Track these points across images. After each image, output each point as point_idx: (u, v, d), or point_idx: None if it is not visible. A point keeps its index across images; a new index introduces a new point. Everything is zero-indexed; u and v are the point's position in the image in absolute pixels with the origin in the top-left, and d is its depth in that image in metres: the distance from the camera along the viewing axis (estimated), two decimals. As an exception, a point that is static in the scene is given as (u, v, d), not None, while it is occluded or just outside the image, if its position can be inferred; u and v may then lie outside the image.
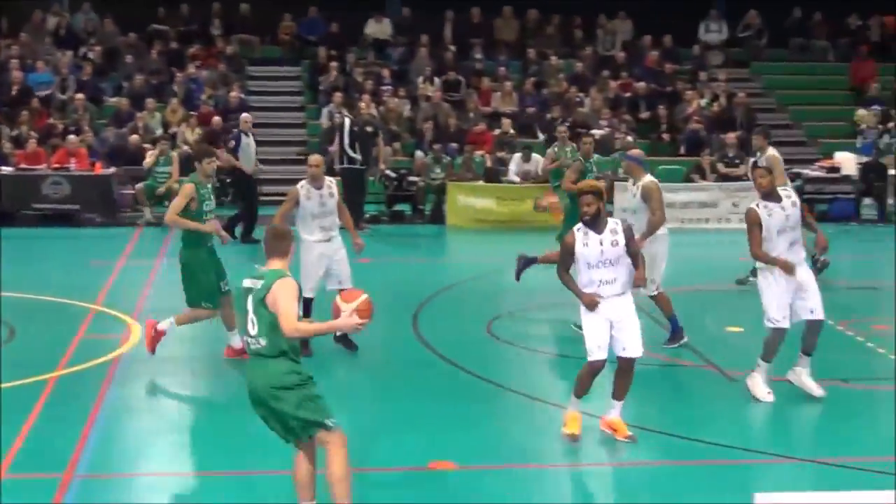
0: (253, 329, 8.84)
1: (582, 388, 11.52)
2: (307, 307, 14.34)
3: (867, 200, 26.45)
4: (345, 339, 14.50)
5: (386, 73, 30.44)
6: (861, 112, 29.50)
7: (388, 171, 25.48)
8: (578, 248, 11.21)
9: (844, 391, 13.41)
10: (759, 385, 12.85)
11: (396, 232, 24.15)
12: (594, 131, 27.90)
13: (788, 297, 12.77)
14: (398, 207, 26.01)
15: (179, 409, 13.08)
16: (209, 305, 14.06)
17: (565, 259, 11.39)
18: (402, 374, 14.11)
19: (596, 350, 11.32)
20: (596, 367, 11.39)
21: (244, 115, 24.66)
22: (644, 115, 29.94)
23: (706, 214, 25.24)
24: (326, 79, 30.09)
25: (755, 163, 17.89)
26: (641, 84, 30.71)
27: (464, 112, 29.26)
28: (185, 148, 27.49)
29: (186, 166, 26.30)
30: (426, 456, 11.16)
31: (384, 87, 29.65)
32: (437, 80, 30.24)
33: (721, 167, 26.50)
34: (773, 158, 18.65)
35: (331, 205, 14.41)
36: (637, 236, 13.14)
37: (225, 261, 14.32)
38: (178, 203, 14.04)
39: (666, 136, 29.20)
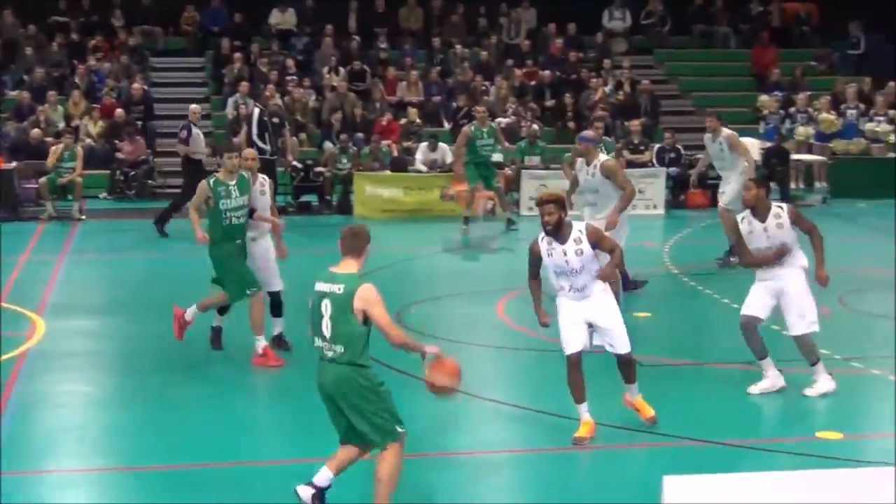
0: (328, 334, 8.90)
1: (573, 390, 11.43)
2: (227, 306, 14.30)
3: (771, 185, 26.73)
4: (280, 339, 14.41)
5: (290, 63, 30.26)
6: (763, 98, 29.84)
7: (294, 163, 25.35)
8: (544, 257, 11.25)
9: (750, 374, 13.55)
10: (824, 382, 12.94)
11: (304, 223, 24.02)
12: (499, 119, 27.98)
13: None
14: (305, 198, 25.90)
15: (87, 404, 12.92)
16: (254, 289, 13.84)
17: (532, 266, 11.41)
18: (312, 368, 14.00)
19: (567, 345, 11.37)
20: (571, 361, 11.39)
21: (193, 105, 24.57)
22: (549, 102, 30.06)
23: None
24: (230, 70, 29.87)
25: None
26: (546, 72, 30.83)
27: (370, 102, 29.18)
28: (89, 141, 27.21)
29: (91, 159, 26.10)
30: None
31: (289, 78, 29.49)
32: (342, 70, 30.13)
33: (626, 154, 26.64)
34: (732, 137, 18.86)
35: (262, 203, 14.19)
36: (608, 211, 13.26)
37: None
38: (193, 201, 14.08)
39: (571, 124, 29.32)
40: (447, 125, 28.68)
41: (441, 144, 25.84)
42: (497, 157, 25.71)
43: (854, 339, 14.55)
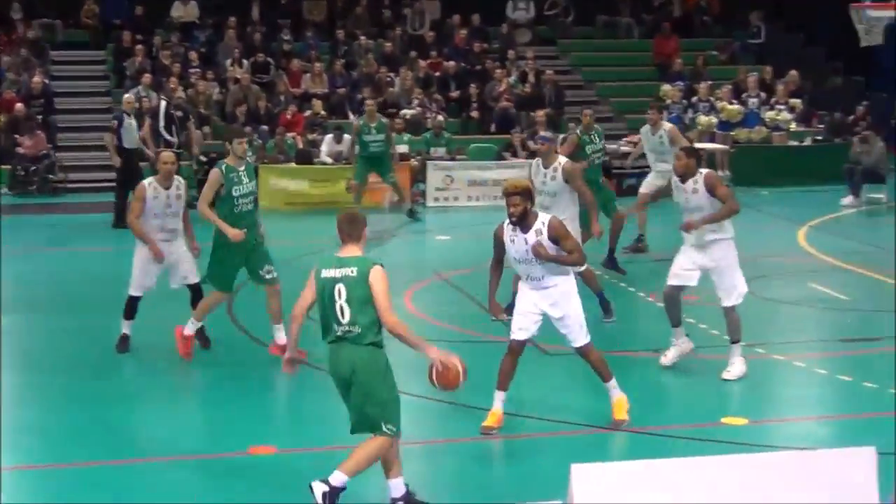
0: (344, 318, 9.05)
1: (500, 374, 11.46)
2: (132, 306, 14.08)
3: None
4: (202, 335, 14.23)
5: (193, 55, 30.00)
6: (665, 87, 30.04)
7: (199, 156, 25.13)
8: (507, 243, 11.24)
9: (655, 360, 13.66)
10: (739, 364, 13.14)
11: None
12: (404, 111, 27.98)
13: None
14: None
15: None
16: (218, 290, 13.70)
17: (496, 250, 11.38)
18: (220, 360, 13.94)
19: (516, 331, 11.41)
20: (510, 346, 11.46)
21: (126, 95, 24.41)
22: (454, 93, 30.08)
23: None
24: (132, 63, 29.53)
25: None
26: (451, 63, 30.83)
27: (274, 94, 29.02)
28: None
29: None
30: (246, 441, 11.08)
31: (192, 70, 29.22)
32: (245, 62, 29.92)
33: (531, 144, 26.72)
34: (673, 130, 18.90)
35: (177, 206, 13.98)
36: (564, 217, 13.11)
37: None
38: (205, 192, 13.58)
39: (476, 115, 29.37)
40: (352, 117, 28.57)
41: (346, 136, 25.76)
42: (402, 148, 25.72)
43: (757, 326, 14.69)
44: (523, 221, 11.09)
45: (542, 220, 11.16)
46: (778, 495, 7.93)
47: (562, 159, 15.15)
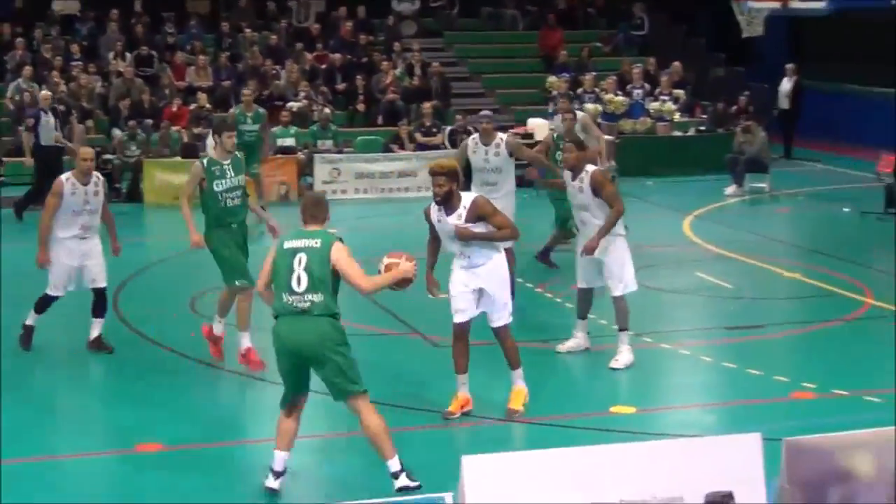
0: (300, 286, 9.24)
1: (455, 358, 11.63)
2: (46, 304, 13.85)
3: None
4: (99, 342, 13.90)
5: (75, 49, 29.57)
6: (551, 79, 30.21)
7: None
8: (435, 223, 11.32)
9: (545, 351, 13.75)
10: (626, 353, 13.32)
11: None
12: (291, 104, 27.83)
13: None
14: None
15: None
16: (244, 282, 12.96)
17: (430, 228, 11.48)
18: (105, 356, 13.77)
19: (456, 314, 11.51)
20: (455, 332, 11.56)
21: (43, 91, 24.03)
22: (340, 86, 29.97)
23: (406, 184, 25.45)
24: (12, 56, 29.03)
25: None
26: (337, 56, 30.71)
27: (158, 87, 28.71)
28: None
29: None
30: (133, 438, 10.98)
31: (74, 64, 28.80)
32: (128, 55, 29.56)
33: (419, 136, 26.76)
34: (586, 118, 18.80)
35: (95, 203, 13.67)
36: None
37: None
38: (185, 187, 13.25)
39: (362, 107, 29.31)
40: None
41: (232, 130, 25.52)
42: (289, 141, 25.60)
43: (644, 315, 14.85)
44: (448, 202, 11.15)
45: (466, 201, 11.21)
46: (665, 482, 8.01)
47: (502, 135, 15.33)
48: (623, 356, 13.26)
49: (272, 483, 9.60)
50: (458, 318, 11.53)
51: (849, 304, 15.92)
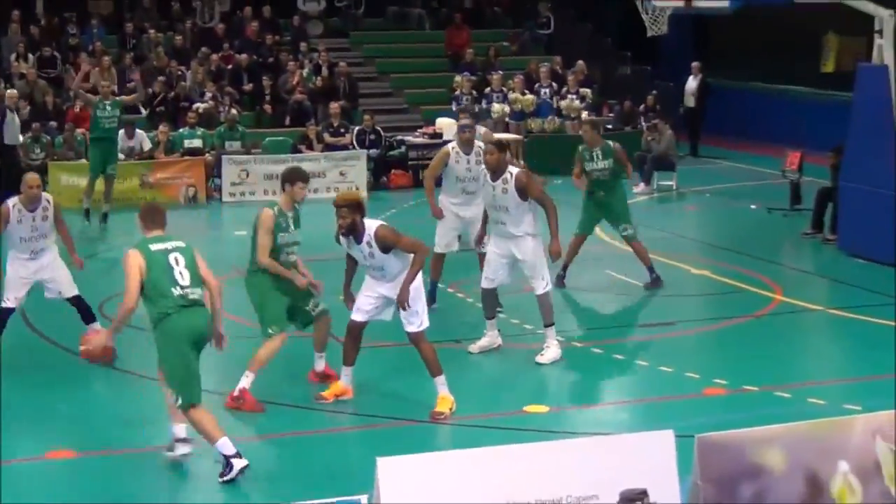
0: (185, 280, 10.04)
1: (344, 352, 12.04)
2: (5, 318, 13.59)
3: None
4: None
5: (-24, 50, 29.13)
6: (458, 78, 30.23)
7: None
8: (347, 249, 11.73)
9: (456, 352, 13.74)
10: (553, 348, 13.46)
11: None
12: (197, 105, 27.59)
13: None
14: (-3, 190, 24.95)
15: None
16: (276, 330, 12.17)
17: (347, 254, 11.86)
18: (21, 369, 13.46)
19: (354, 312, 11.91)
20: (349, 327, 11.95)
21: (9, 90, 24.15)
22: (247, 87, 29.74)
23: (314, 185, 25.18)
24: (-89, 58, 28.56)
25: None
26: (243, 56, 30.47)
27: (61, 89, 28.33)
28: None
29: None
30: (44, 446, 10.85)
31: (-26, 66, 28.39)
32: (31, 56, 29.14)
33: (327, 137, 26.64)
34: (486, 133, 18.50)
35: (44, 228, 13.40)
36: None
37: None
38: (262, 239, 12.11)
39: (270, 108, 29.12)
40: (143, 112, 28.05)
41: (138, 131, 25.28)
42: (196, 143, 25.39)
43: (556, 314, 14.86)
44: (353, 232, 11.45)
45: (370, 232, 11.43)
46: (579, 481, 8.03)
47: (479, 144, 15.11)
48: (550, 351, 13.33)
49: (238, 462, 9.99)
50: (355, 317, 11.89)
51: (758, 301, 16.08)
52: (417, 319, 11.65)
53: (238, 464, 9.91)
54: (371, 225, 11.46)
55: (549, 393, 12.62)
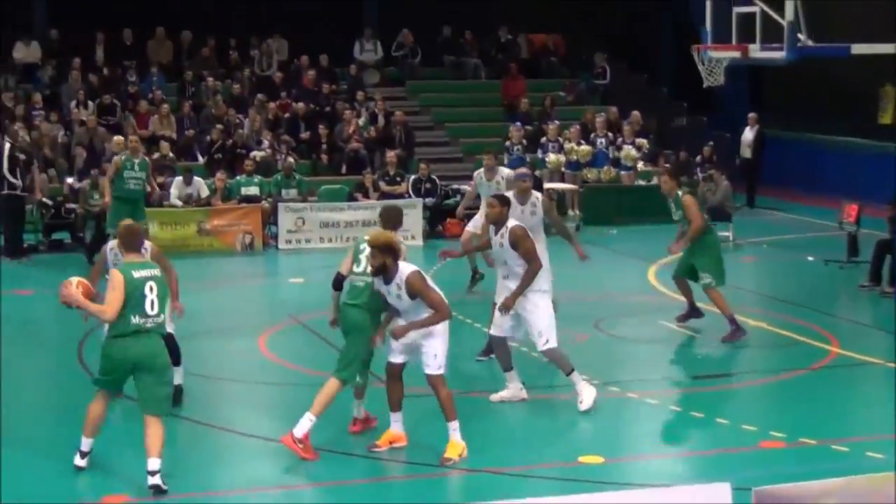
0: (153, 310, 10.80)
1: (389, 395, 12.10)
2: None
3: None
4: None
5: (37, 97, 29.45)
6: (513, 128, 30.31)
7: (45, 199, 24.67)
8: (377, 290, 11.75)
9: (514, 402, 13.71)
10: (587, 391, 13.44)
11: (56, 261, 23.36)
12: (254, 152, 27.80)
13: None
14: (57, 236, 25.18)
15: None
16: (351, 376, 12.07)
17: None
18: (68, 404, 13.63)
19: (389, 353, 11.99)
20: (388, 370, 12.06)
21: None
22: (304, 135, 29.95)
23: (370, 231, 25.36)
24: (-28, 105, 28.93)
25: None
26: (300, 104, 30.71)
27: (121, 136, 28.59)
28: None
29: None
30: (101, 490, 10.87)
31: (35, 113, 28.69)
32: (91, 103, 29.47)
33: (383, 185, 26.75)
34: (510, 177, 18.46)
35: None
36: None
37: None
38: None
39: (326, 156, 29.30)
40: (201, 159, 28.34)
41: (196, 178, 25.49)
42: (253, 190, 25.56)
43: (610, 364, 14.86)
44: (383, 274, 11.44)
45: (400, 276, 11.42)
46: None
47: (538, 194, 15.25)
48: (585, 394, 13.29)
49: (80, 462, 11.33)
50: (392, 358, 11.95)
51: (815, 353, 15.97)
52: (436, 363, 11.75)
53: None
54: (405, 269, 11.44)
55: (604, 443, 12.54)
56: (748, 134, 30.67)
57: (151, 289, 10.83)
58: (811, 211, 28.99)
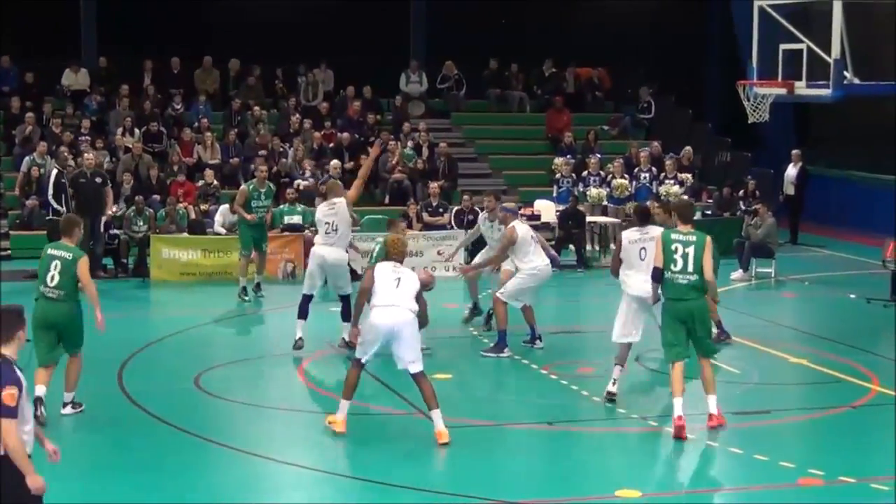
0: (52, 282, 13.64)
1: (346, 385, 13.44)
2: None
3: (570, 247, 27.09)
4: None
5: (86, 124, 29.69)
6: (558, 161, 30.33)
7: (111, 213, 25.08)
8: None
9: (550, 433, 13.71)
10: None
11: (99, 287, 23.45)
12: (297, 181, 27.90)
13: None
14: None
15: None
16: None
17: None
18: (107, 431, 13.75)
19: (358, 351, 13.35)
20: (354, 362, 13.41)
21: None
22: (348, 164, 30.05)
23: (412, 263, 25.24)
24: (21, 130, 29.19)
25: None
26: (345, 135, 30.84)
27: (166, 163, 28.81)
28: None
29: None
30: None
31: (82, 139, 28.91)
32: (137, 130, 29.70)
33: (426, 216, 26.81)
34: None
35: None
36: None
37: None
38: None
39: (371, 186, 29.37)
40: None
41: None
42: (296, 219, 25.64)
43: (650, 398, 14.83)
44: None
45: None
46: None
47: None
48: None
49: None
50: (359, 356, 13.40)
51: (855, 391, 15.87)
52: (417, 360, 13.10)
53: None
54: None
55: (641, 477, 12.51)
56: (791, 171, 30.56)
57: (56, 266, 13.65)
58: (854, 248, 28.85)
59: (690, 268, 13.53)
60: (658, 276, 13.68)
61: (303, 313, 17.61)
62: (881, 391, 15.84)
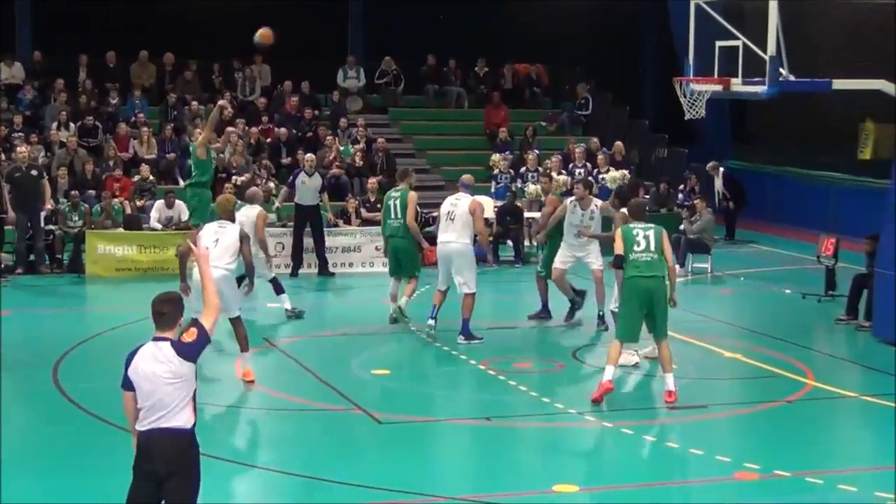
0: None
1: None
2: None
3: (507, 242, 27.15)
4: None
5: (19, 118, 29.37)
6: (495, 157, 30.36)
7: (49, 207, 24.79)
8: None
9: (488, 429, 13.72)
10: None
11: (33, 283, 23.32)
12: (235, 177, 27.74)
13: None
14: (34, 257, 25.09)
15: None
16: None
17: None
18: (42, 429, 13.62)
19: None
20: None
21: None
22: (285, 160, 29.94)
23: (350, 259, 25.40)
24: (-47, 125, 28.86)
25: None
26: (282, 130, 30.72)
27: (101, 158, 28.55)
28: None
29: None
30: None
31: (16, 134, 28.59)
32: (72, 125, 29.42)
33: (364, 212, 26.76)
34: (604, 207, 19.68)
35: None
36: None
37: None
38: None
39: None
40: (182, 182, 28.26)
41: (178, 202, 25.46)
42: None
43: (587, 394, 14.83)
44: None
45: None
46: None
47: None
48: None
49: None
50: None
51: (790, 386, 15.99)
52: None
53: None
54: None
55: (579, 472, 12.56)
56: (717, 183, 30.67)
57: None
58: (790, 244, 29.10)
59: (652, 247, 14.51)
60: (619, 262, 14.61)
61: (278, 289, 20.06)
62: (816, 385, 15.97)
